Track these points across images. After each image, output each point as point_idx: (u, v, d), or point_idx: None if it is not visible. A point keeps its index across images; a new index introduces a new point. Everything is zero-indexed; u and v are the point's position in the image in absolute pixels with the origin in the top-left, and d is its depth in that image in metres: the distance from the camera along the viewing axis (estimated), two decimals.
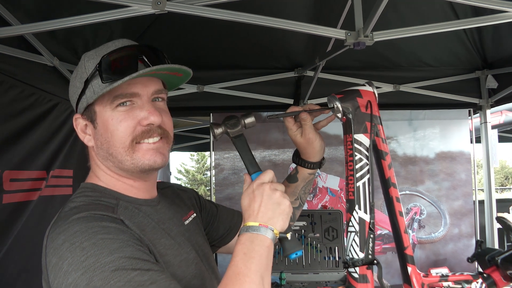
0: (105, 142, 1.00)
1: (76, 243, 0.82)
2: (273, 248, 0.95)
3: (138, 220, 0.98)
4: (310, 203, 3.72)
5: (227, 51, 3.08)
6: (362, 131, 1.15)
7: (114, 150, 0.99)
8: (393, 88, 3.37)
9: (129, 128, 0.97)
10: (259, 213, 0.97)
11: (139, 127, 0.98)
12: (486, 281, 1.19)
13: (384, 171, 1.18)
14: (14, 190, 2.02)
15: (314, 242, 2.91)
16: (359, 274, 1.11)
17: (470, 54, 3.24)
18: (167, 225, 1.06)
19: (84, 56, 1.02)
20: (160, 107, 1.03)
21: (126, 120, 0.97)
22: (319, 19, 2.65)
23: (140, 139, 0.99)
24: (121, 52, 0.99)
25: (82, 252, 0.81)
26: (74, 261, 0.81)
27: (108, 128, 0.98)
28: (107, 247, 0.82)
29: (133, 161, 0.99)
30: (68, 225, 0.87)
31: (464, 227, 3.72)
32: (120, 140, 0.98)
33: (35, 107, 2.24)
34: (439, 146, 3.78)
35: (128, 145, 0.98)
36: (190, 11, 1.73)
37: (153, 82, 1.02)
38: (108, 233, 0.85)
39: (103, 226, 0.86)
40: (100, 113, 0.99)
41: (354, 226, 1.12)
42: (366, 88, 1.19)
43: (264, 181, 1.02)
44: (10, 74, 2.00)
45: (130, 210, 0.99)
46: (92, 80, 0.97)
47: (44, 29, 1.80)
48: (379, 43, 1.82)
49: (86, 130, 1.04)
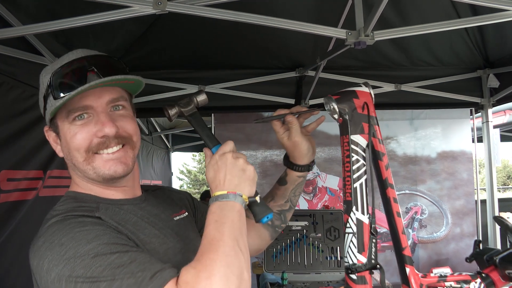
0: (67, 153, 1.03)
1: (55, 241, 0.86)
2: (244, 213, 0.96)
3: (119, 217, 1.00)
4: (310, 203, 3.72)
5: (228, 51, 3.08)
6: (359, 132, 1.15)
7: (75, 161, 1.02)
8: (394, 87, 3.37)
9: (85, 141, 0.99)
10: (225, 181, 0.98)
11: (95, 139, 0.99)
12: (485, 281, 1.19)
13: (381, 171, 1.18)
14: (10, 190, 2.03)
15: (316, 242, 2.90)
16: (357, 276, 1.11)
17: (472, 53, 3.23)
18: (152, 220, 1.07)
19: (43, 71, 1.05)
20: (120, 115, 1.04)
21: (81, 133, 0.99)
22: (320, 18, 2.65)
23: (97, 149, 1.00)
24: (70, 66, 1.00)
25: (61, 248, 0.84)
26: (54, 257, 0.84)
27: (67, 140, 1.01)
28: (84, 237, 0.85)
29: (94, 170, 1.01)
30: (47, 228, 0.91)
31: (466, 227, 3.71)
32: (78, 152, 1.00)
33: (36, 108, 2.23)
34: (441, 146, 3.77)
35: (84, 157, 1.00)
36: (190, 11, 1.74)
37: (108, 92, 1.02)
38: (84, 226, 0.88)
39: (79, 222, 0.90)
40: (60, 126, 1.02)
41: (352, 227, 1.12)
42: (362, 89, 1.18)
43: (225, 151, 1.03)
44: (11, 75, 2.01)
45: (111, 210, 1.01)
46: (48, 96, 1.00)
47: (45, 30, 1.80)
48: (380, 43, 1.82)
49: (57, 141, 1.06)
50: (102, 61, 1.02)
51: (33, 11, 2.05)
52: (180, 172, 27.61)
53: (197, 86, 3.27)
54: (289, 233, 2.89)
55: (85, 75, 0.97)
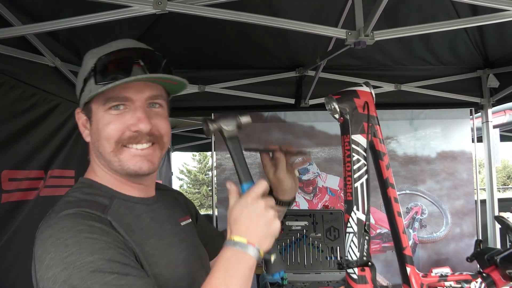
0: (96, 140, 1.01)
1: (61, 239, 0.84)
2: (254, 269, 0.92)
3: (129, 220, 0.98)
4: (311, 203, 3.72)
5: (228, 51, 3.08)
6: (360, 131, 1.15)
7: (102, 150, 1.01)
8: (394, 87, 3.37)
9: (117, 132, 0.98)
10: (249, 229, 0.92)
11: (128, 132, 0.98)
12: (486, 280, 1.19)
13: (382, 171, 1.18)
14: (12, 190, 2.03)
15: (315, 242, 2.90)
16: (358, 275, 1.11)
17: (472, 53, 3.23)
18: (160, 224, 1.06)
19: (88, 54, 1.03)
20: (156, 113, 1.03)
21: (115, 123, 0.98)
22: (320, 18, 2.65)
23: (127, 143, 0.99)
24: (118, 54, 0.99)
25: (65, 249, 0.83)
26: (56, 256, 0.83)
27: (99, 127, 1.00)
28: (89, 247, 0.84)
29: (120, 162, 1.00)
30: (57, 220, 0.89)
31: (466, 227, 3.71)
32: (107, 142, 0.99)
33: (37, 108, 2.25)
34: (441, 146, 3.77)
35: (113, 148, 0.99)
36: (190, 11, 1.74)
37: (149, 88, 1.01)
38: (92, 233, 0.87)
39: (89, 225, 0.88)
40: (95, 112, 1.01)
41: (353, 227, 1.12)
42: (363, 89, 1.19)
43: (259, 195, 0.97)
44: (11, 75, 2.01)
45: (122, 210, 0.99)
46: (89, 79, 0.99)
47: (45, 29, 1.81)
48: (380, 43, 1.82)
49: (86, 125, 1.05)
50: (149, 56, 1.01)
51: (33, 11, 2.05)
52: (180, 172, 27.64)
53: (197, 86, 3.27)
54: (289, 233, 2.90)
55: (131, 67, 0.97)
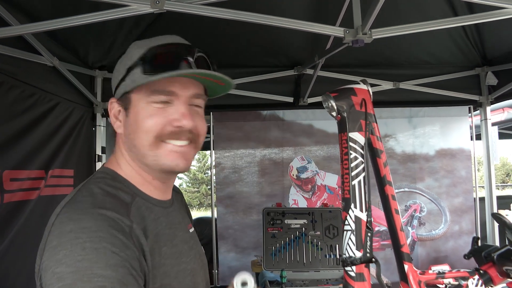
0: (132, 132, 0.98)
1: (80, 240, 0.81)
2: None
3: (146, 223, 0.96)
4: (309, 201, 3.73)
5: (226, 49, 3.08)
6: (357, 129, 1.16)
7: (138, 142, 0.98)
8: (393, 85, 3.38)
9: (158, 126, 0.96)
10: None
11: (169, 127, 0.96)
12: (483, 277, 1.20)
13: (379, 169, 1.18)
14: (14, 190, 2.04)
15: (314, 240, 2.91)
16: (356, 272, 1.12)
17: (470, 51, 3.24)
18: (173, 230, 1.03)
19: (133, 44, 1.02)
20: (196, 112, 1.02)
21: (158, 117, 0.96)
22: (318, 17, 2.66)
23: (167, 138, 0.97)
24: (168, 47, 0.98)
25: (82, 252, 0.80)
26: (70, 255, 0.80)
27: (138, 119, 0.97)
28: (105, 259, 0.80)
29: (155, 157, 0.97)
30: (81, 216, 0.85)
31: (465, 224, 3.72)
32: (146, 135, 0.96)
33: (36, 107, 2.25)
34: (439, 143, 3.77)
35: (152, 141, 0.96)
36: (188, 10, 1.74)
37: (194, 85, 0.99)
38: (113, 245, 0.83)
39: (111, 234, 0.84)
40: (134, 102, 0.98)
41: (350, 224, 1.13)
42: (360, 86, 1.19)
43: None
44: (10, 74, 2.02)
45: (142, 211, 0.97)
46: (134, 68, 0.97)
47: (43, 29, 1.81)
48: (379, 41, 1.82)
49: (118, 116, 1.02)
50: (199, 54, 0.99)
51: (31, 10, 2.05)
52: None
53: None
54: (288, 231, 2.90)
55: (180, 62, 0.95)
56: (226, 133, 3.69)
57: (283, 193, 3.71)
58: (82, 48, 2.70)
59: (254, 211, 3.64)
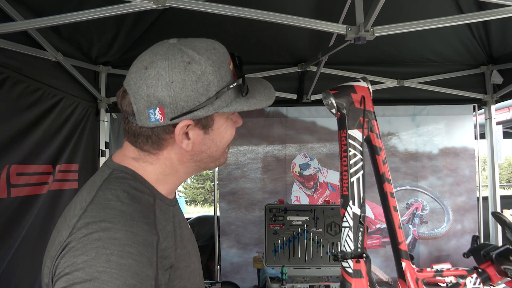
0: (213, 145, 0.99)
1: (107, 250, 0.79)
2: None
3: (170, 227, 0.97)
4: (311, 198, 3.73)
5: (230, 46, 3.05)
6: (357, 126, 1.16)
7: (218, 153, 1.02)
8: (397, 83, 3.36)
9: (233, 134, 1.02)
10: None
11: (235, 130, 1.04)
12: (481, 276, 1.20)
13: (378, 166, 1.18)
14: (21, 184, 2.06)
15: (316, 237, 2.92)
16: (353, 269, 1.12)
17: (475, 49, 3.21)
18: (182, 230, 1.04)
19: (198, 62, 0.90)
20: None
21: (232, 126, 1.02)
22: (322, 14, 2.65)
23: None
24: (237, 60, 0.98)
25: (105, 264, 0.77)
26: (91, 263, 0.77)
27: (221, 134, 0.99)
28: (126, 277, 0.78)
29: (221, 159, 1.04)
30: (110, 225, 0.83)
31: (468, 223, 3.71)
32: (227, 144, 1.02)
33: (41, 102, 2.27)
34: (443, 142, 3.76)
35: (226, 148, 1.03)
36: (191, 7, 1.74)
37: None
38: (138, 263, 0.81)
39: (139, 252, 0.82)
40: (217, 120, 0.97)
41: (348, 221, 1.13)
42: (360, 84, 1.19)
43: None
44: (15, 69, 2.03)
45: (163, 214, 0.97)
46: (227, 90, 0.93)
47: (46, 24, 1.81)
48: (383, 39, 1.81)
49: (188, 135, 0.96)
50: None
51: (34, 5, 2.06)
52: None
53: None
54: (289, 228, 2.91)
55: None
56: None
57: (286, 190, 3.72)
58: (86, 43, 2.71)
59: (256, 208, 3.65)
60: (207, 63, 0.90)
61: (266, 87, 1.01)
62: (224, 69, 0.92)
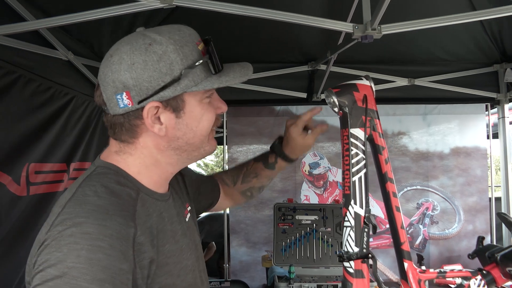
0: (189, 131, 0.96)
1: (78, 246, 0.78)
2: None
3: (152, 222, 0.94)
4: (321, 197, 3.72)
5: (240, 45, 3.09)
6: (359, 125, 1.15)
7: (196, 140, 0.98)
8: (408, 82, 3.33)
9: (212, 119, 0.99)
10: None
11: (216, 117, 1.01)
12: (485, 278, 1.18)
13: (381, 165, 1.17)
14: (38, 182, 2.10)
15: (325, 236, 2.91)
16: (354, 269, 1.11)
17: (488, 47, 3.15)
18: (174, 225, 1.02)
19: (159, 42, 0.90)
20: None
21: (209, 111, 0.98)
22: (333, 13, 2.63)
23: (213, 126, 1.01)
24: (211, 42, 0.95)
25: (75, 259, 0.77)
26: (63, 259, 0.77)
27: (196, 118, 0.96)
28: (94, 272, 0.77)
29: (206, 148, 1.00)
30: (83, 220, 0.82)
31: (479, 224, 3.65)
32: (205, 130, 0.98)
33: (53, 101, 2.30)
34: (454, 141, 3.71)
35: (209, 134, 1.00)
36: (198, 5, 1.74)
37: None
38: (108, 257, 0.79)
39: (111, 245, 0.80)
40: (188, 102, 0.94)
41: (350, 221, 1.12)
42: (363, 82, 1.18)
43: None
44: (27, 69, 2.06)
45: (147, 207, 0.95)
46: (194, 67, 0.91)
47: (57, 24, 1.83)
48: (393, 37, 1.79)
49: (160, 119, 0.95)
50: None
51: (45, 6, 2.09)
52: (198, 166, 27.79)
53: None
54: (298, 227, 2.91)
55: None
56: (240, 128, 3.71)
57: (295, 189, 3.71)
58: (97, 42, 2.74)
59: (266, 206, 3.66)
60: (168, 42, 0.90)
61: (243, 67, 1.00)
62: (188, 48, 0.91)
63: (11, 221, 1.88)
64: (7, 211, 1.86)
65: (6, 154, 1.86)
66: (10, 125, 1.90)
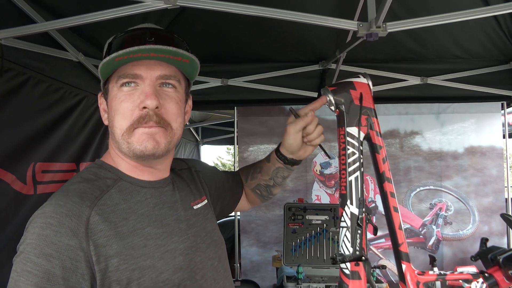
0: (111, 120, 1.01)
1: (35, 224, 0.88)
2: None
3: (124, 207, 0.97)
4: (332, 197, 3.69)
5: (251, 44, 3.08)
6: (356, 124, 1.13)
7: (114, 130, 1.00)
8: (421, 80, 3.27)
9: (128, 111, 0.97)
10: None
11: (137, 112, 0.96)
12: (488, 280, 1.14)
13: (378, 165, 1.15)
14: (46, 181, 2.12)
15: (335, 236, 2.88)
16: (351, 270, 1.10)
17: (504, 44, 3.06)
18: (165, 210, 1.04)
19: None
20: (167, 93, 1.00)
21: (126, 102, 0.97)
22: (341, 12, 2.60)
23: (137, 125, 0.97)
24: (132, 32, 1.00)
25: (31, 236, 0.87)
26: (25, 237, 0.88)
27: (112, 107, 0.99)
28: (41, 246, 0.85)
29: (128, 145, 0.98)
30: (47, 203, 0.94)
31: (495, 225, 3.56)
32: (120, 122, 0.98)
33: (63, 101, 2.33)
34: (469, 141, 3.63)
35: (125, 129, 0.97)
36: (201, 5, 1.74)
37: (161, 66, 0.99)
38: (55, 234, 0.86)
39: (59, 222, 0.87)
40: (110, 91, 1.01)
41: (346, 221, 1.10)
42: (360, 80, 1.16)
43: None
44: (37, 70, 2.09)
45: (124, 193, 0.99)
46: (105, 58, 0.98)
47: (66, 25, 1.86)
48: (404, 34, 1.75)
49: (106, 109, 1.05)
50: (165, 37, 1.00)
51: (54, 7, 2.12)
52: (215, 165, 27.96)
53: (220, 79, 3.30)
54: (308, 227, 2.89)
55: (142, 43, 0.95)
56: (250, 127, 3.71)
57: (306, 189, 3.69)
58: None
59: (276, 206, 3.65)
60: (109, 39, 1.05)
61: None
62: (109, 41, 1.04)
63: (19, 219, 1.91)
64: (14, 210, 1.90)
65: (11, 153, 1.88)
66: (16, 125, 1.93)
